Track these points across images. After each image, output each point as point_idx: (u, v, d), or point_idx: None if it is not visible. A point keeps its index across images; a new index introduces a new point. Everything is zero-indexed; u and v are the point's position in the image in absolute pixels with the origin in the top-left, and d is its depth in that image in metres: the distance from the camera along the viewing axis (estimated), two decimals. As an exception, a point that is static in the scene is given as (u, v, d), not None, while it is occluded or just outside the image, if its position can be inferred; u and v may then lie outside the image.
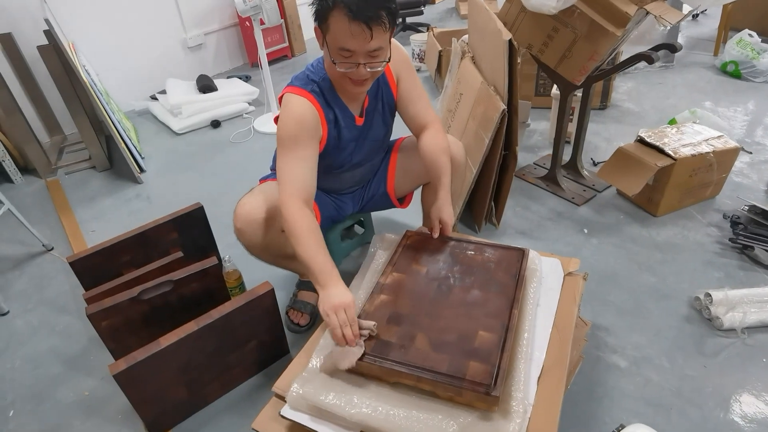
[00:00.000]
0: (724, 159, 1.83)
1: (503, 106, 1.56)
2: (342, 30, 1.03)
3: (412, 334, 1.06)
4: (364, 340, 1.03)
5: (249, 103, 3.15)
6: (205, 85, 3.14)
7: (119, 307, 1.22)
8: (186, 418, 1.28)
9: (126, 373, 1.09)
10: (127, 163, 2.40)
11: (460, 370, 0.96)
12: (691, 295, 1.52)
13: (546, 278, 1.28)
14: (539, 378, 1.04)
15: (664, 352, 1.36)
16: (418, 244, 1.33)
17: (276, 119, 1.28)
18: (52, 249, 1.97)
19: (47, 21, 2.16)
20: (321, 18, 1.06)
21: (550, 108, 2.55)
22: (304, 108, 1.17)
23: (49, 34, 2.28)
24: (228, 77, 3.50)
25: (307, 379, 1.04)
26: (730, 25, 3.42)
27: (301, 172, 1.16)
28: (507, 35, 1.46)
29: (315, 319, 1.55)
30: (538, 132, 2.60)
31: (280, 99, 1.22)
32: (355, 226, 1.93)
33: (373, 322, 1.06)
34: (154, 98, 3.27)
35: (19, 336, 1.59)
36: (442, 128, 1.41)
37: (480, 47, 1.88)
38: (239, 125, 2.96)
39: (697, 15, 4.09)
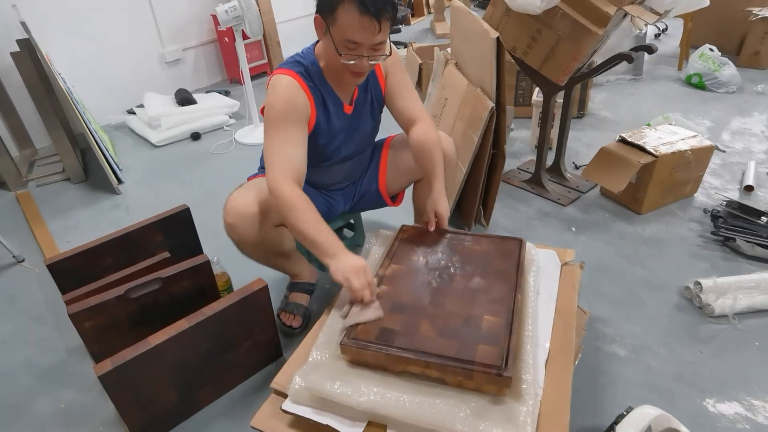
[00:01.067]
0: (701, 156, 1.90)
1: (492, 104, 1.58)
2: (351, 22, 1.05)
3: (417, 321, 1.03)
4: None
5: (230, 116, 3.12)
6: (184, 98, 3.10)
7: (104, 306, 1.15)
8: (175, 425, 1.20)
9: (113, 375, 1.02)
10: (104, 174, 2.32)
11: (469, 353, 0.94)
12: (681, 285, 1.55)
13: (544, 268, 1.28)
14: (546, 363, 1.02)
15: (660, 340, 1.37)
16: (414, 238, 1.32)
17: (263, 110, 1.27)
18: (23, 261, 1.86)
19: (23, 24, 2.09)
20: (328, 9, 1.07)
21: (530, 117, 2.62)
22: (292, 87, 1.16)
23: (26, 41, 2.22)
24: (207, 92, 3.47)
25: (308, 371, 0.99)
26: (690, 42, 3.61)
27: (291, 152, 1.15)
28: (494, 33, 1.49)
29: (307, 321, 1.50)
30: (519, 140, 2.66)
31: (269, 84, 1.21)
32: (344, 229, 1.91)
33: (382, 286, 1.13)
34: (131, 112, 3.19)
35: (-12, 349, 1.48)
36: (433, 123, 1.41)
37: (465, 52, 1.92)
38: (220, 137, 2.91)
39: (659, 34, 4.32)
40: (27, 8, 2.55)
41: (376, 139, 1.54)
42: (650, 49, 1.73)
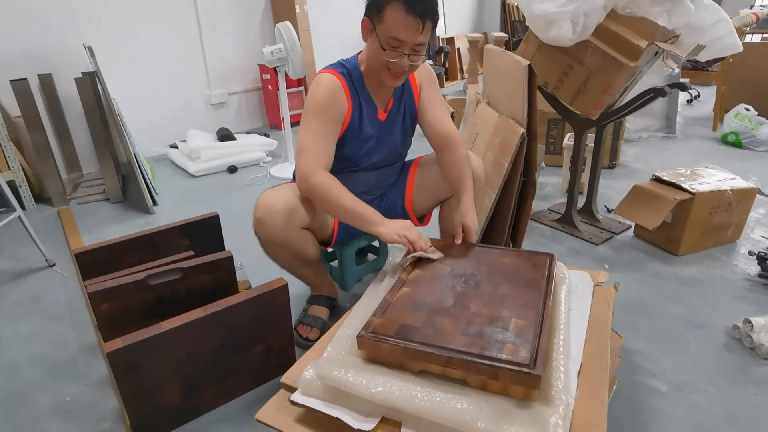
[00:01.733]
0: (742, 198, 1.82)
1: (523, 130, 1.59)
2: (397, 20, 1.12)
3: (440, 320, 0.97)
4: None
5: (267, 154, 3.23)
6: (225, 135, 3.25)
7: (122, 290, 1.14)
8: (176, 426, 1.14)
9: (121, 354, 0.99)
10: (140, 196, 2.41)
11: (495, 351, 0.87)
12: (727, 325, 1.43)
13: (576, 287, 1.22)
14: (579, 374, 0.94)
15: (706, 378, 1.25)
16: (440, 249, 1.28)
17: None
18: (54, 265, 1.90)
19: (89, 49, 2.29)
20: (376, 9, 1.15)
21: (561, 166, 2.61)
22: (333, 84, 1.23)
23: (90, 73, 2.42)
24: (247, 133, 3.63)
25: (321, 364, 0.94)
26: (724, 106, 3.61)
27: (324, 144, 1.21)
28: (526, 62, 1.54)
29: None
30: (549, 185, 2.64)
31: (312, 82, 1.27)
32: (368, 254, 1.88)
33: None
34: (173, 146, 3.36)
35: (2, 342, 1.47)
36: (463, 142, 1.42)
37: (497, 89, 1.97)
38: (256, 172, 3.01)
39: (691, 100, 4.35)
40: (93, 45, 2.81)
41: (406, 159, 1.56)
42: (684, 87, 1.73)
